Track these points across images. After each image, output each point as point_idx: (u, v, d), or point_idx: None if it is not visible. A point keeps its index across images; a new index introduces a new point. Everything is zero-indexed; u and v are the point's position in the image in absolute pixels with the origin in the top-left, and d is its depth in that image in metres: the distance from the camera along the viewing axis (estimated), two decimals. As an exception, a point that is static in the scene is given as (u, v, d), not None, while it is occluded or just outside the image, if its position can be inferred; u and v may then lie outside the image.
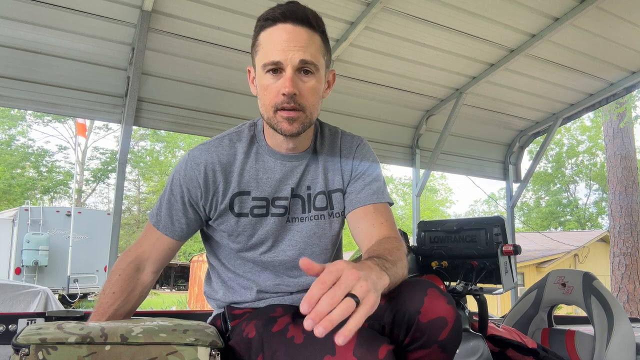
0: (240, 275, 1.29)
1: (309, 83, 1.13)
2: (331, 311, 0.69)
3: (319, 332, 0.68)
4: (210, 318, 1.37)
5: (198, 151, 1.22)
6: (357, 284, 0.73)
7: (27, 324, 1.71)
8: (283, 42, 1.10)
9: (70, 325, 0.96)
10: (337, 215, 1.29)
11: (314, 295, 0.70)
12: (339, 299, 0.71)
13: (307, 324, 0.69)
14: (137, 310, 1.31)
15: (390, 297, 0.99)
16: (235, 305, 1.26)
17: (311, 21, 1.15)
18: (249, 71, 1.23)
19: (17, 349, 0.87)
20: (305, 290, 1.25)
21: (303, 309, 0.70)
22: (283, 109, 1.11)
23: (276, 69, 1.11)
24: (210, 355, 0.97)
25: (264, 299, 1.27)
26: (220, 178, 1.20)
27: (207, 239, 1.34)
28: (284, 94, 1.10)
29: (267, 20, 1.14)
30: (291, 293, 1.28)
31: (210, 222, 1.27)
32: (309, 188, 1.26)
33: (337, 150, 1.31)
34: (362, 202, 1.25)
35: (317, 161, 1.28)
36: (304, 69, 1.11)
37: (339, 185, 1.28)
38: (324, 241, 1.29)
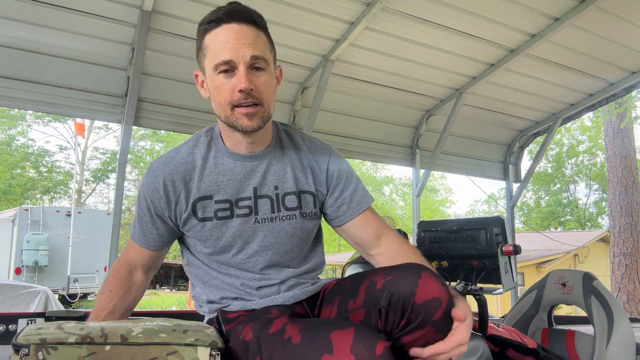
0: (222, 275, 1.29)
1: (262, 78, 1.15)
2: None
3: None
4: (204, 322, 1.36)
5: (157, 164, 1.24)
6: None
7: (27, 324, 1.71)
8: (232, 40, 1.12)
9: (70, 325, 0.96)
10: (309, 215, 1.30)
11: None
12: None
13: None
14: (137, 310, 1.32)
15: (386, 280, 1.04)
16: (228, 309, 1.26)
17: (255, 19, 1.17)
18: (197, 76, 1.25)
19: (17, 349, 0.87)
20: (285, 282, 1.27)
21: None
22: (241, 106, 1.14)
23: (228, 68, 1.13)
24: (210, 355, 0.97)
25: (250, 300, 1.26)
26: (181, 187, 1.22)
27: (185, 247, 1.35)
28: (240, 91, 1.12)
29: (211, 22, 1.15)
30: (274, 290, 1.28)
31: (181, 230, 1.29)
32: (276, 188, 1.26)
33: (306, 153, 1.32)
34: (359, 210, 1.33)
35: (283, 161, 1.29)
36: (255, 65, 1.14)
37: (309, 188, 1.30)
38: (296, 240, 1.29)
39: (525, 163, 5.05)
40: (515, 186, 4.99)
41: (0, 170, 18.27)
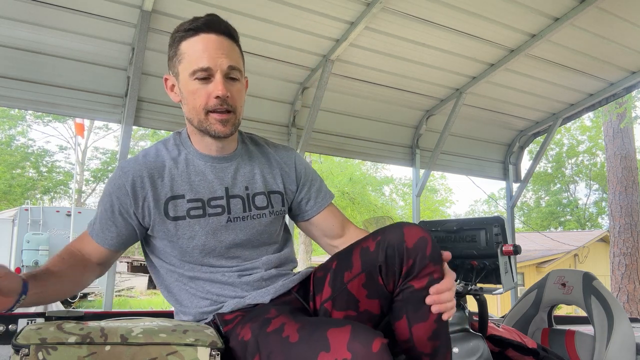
0: (198, 280, 1.28)
1: (236, 87, 1.23)
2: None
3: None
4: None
5: (126, 162, 1.27)
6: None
7: (27, 324, 1.71)
8: (211, 49, 1.20)
9: (69, 326, 0.96)
10: (277, 213, 1.37)
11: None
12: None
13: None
14: (139, 310, 1.31)
15: (377, 241, 1.14)
16: (223, 311, 1.25)
17: (231, 32, 1.26)
18: (167, 79, 1.31)
19: (17, 349, 0.87)
20: (268, 277, 1.29)
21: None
22: (215, 112, 1.21)
23: (206, 75, 1.19)
24: (211, 355, 0.97)
25: (240, 296, 1.26)
26: (149, 185, 1.23)
27: (156, 260, 1.33)
28: (217, 97, 1.19)
29: (189, 30, 1.22)
30: (257, 279, 1.29)
31: (149, 233, 1.27)
32: (247, 188, 1.32)
33: (272, 156, 1.41)
34: (325, 203, 1.46)
35: (251, 164, 1.36)
36: (230, 75, 1.22)
37: (278, 188, 1.38)
38: (266, 237, 1.34)
39: (525, 163, 5.05)
40: (515, 186, 4.99)
41: (1, 170, 18.26)
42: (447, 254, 1.17)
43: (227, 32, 1.24)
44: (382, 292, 1.15)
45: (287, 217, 1.48)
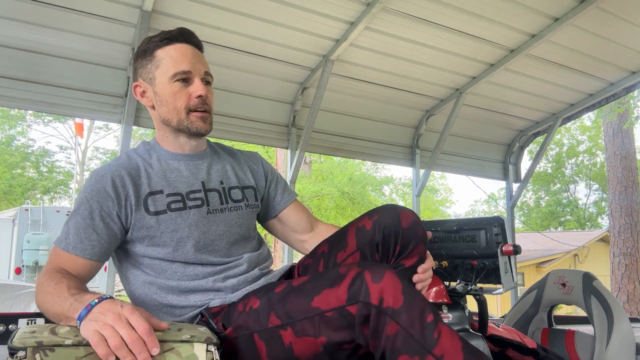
0: (185, 278, 1.27)
1: (210, 90, 1.36)
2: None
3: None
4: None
5: (100, 168, 1.29)
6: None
7: (28, 324, 1.71)
8: (189, 56, 1.32)
9: (63, 331, 0.95)
10: (253, 207, 1.43)
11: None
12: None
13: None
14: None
15: (373, 220, 1.24)
16: (211, 305, 1.25)
17: (201, 46, 1.39)
18: (137, 86, 1.37)
19: (13, 352, 0.87)
20: (250, 272, 1.32)
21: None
22: (197, 110, 1.31)
23: (185, 77, 1.29)
24: (207, 351, 0.97)
25: (223, 293, 1.27)
26: (129, 182, 1.25)
27: (130, 270, 1.29)
28: (199, 96, 1.29)
29: (164, 40, 1.32)
30: (242, 280, 1.30)
31: (129, 235, 1.24)
32: (222, 182, 1.38)
33: (240, 157, 1.51)
34: (292, 199, 1.55)
35: (222, 162, 1.43)
36: (206, 79, 1.34)
37: (250, 183, 1.46)
38: (244, 230, 1.38)
39: (525, 163, 5.05)
40: (515, 186, 4.99)
41: (1, 171, 18.25)
42: (429, 234, 1.31)
43: (198, 44, 1.38)
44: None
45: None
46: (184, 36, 1.34)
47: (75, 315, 0.97)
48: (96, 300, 0.97)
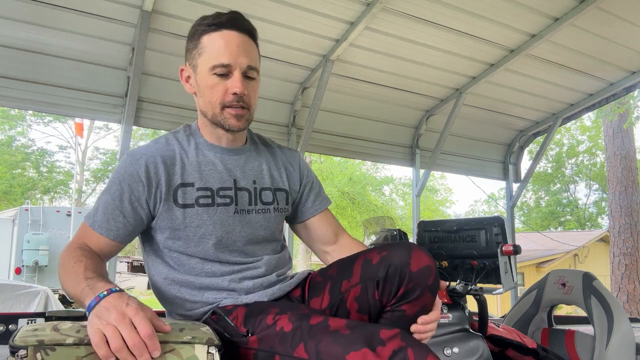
0: (201, 274, 1.26)
1: (252, 85, 1.27)
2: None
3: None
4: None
5: (137, 149, 1.26)
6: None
7: (28, 323, 1.71)
8: (232, 46, 1.23)
9: (66, 327, 0.95)
10: (281, 211, 1.38)
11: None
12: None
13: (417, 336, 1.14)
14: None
15: (381, 256, 1.14)
16: (223, 304, 1.24)
17: (253, 32, 1.29)
18: (182, 70, 1.32)
19: (14, 351, 0.87)
20: (266, 276, 1.30)
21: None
22: (231, 107, 1.24)
23: (225, 71, 1.22)
24: (208, 353, 0.97)
25: (236, 294, 1.26)
26: (162, 170, 1.22)
27: (154, 253, 1.30)
28: (235, 93, 1.22)
29: (212, 25, 1.24)
30: (257, 284, 1.28)
31: (154, 222, 1.24)
32: (254, 182, 1.34)
33: (278, 155, 1.44)
34: (322, 207, 1.48)
35: (259, 159, 1.38)
36: (248, 74, 1.25)
37: (283, 186, 1.40)
38: (269, 232, 1.35)
39: (525, 163, 5.05)
40: (515, 186, 4.99)
41: (1, 171, 18.26)
42: (443, 284, 1.20)
43: (249, 31, 1.27)
44: (373, 307, 1.15)
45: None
46: (232, 22, 1.24)
47: (86, 302, 0.98)
48: (105, 293, 0.97)
